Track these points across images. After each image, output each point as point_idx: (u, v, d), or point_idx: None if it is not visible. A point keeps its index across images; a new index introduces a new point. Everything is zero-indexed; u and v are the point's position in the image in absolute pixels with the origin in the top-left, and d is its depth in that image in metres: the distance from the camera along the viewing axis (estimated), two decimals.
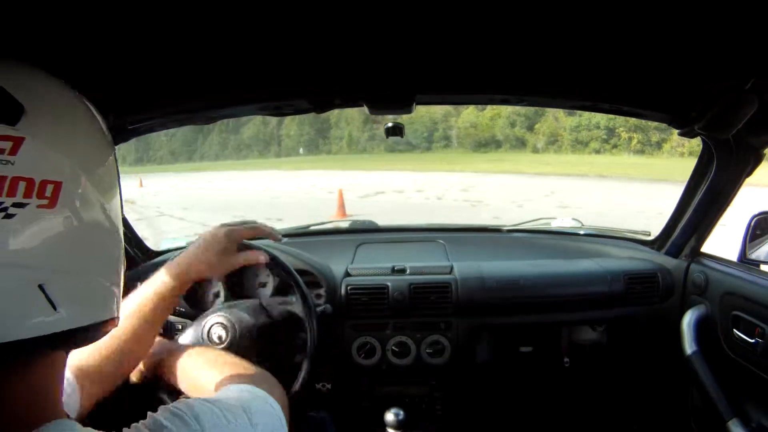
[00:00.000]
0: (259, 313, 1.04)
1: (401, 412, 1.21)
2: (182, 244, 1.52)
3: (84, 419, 0.70)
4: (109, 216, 0.43)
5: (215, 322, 1.01)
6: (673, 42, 0.75)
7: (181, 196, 12.76)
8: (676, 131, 1.06)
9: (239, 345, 1.00)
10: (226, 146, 37.80)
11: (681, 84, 0.93)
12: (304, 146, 33.29)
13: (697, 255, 1.31)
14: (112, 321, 0.44)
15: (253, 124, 34.15)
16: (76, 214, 0.38)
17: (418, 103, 1.08)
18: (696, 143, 1.16)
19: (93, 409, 0.73)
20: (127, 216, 1.13)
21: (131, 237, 1.39)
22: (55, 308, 0.37)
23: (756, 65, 0.79)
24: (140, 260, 1.42)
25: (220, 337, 1.00)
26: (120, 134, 1.17)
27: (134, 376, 0.86)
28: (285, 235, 1.67)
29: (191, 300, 1.20)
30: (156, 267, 0.88)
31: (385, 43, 0.79)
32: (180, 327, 1.05)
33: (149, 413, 0.45)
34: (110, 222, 0.43)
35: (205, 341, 1.00)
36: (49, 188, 0.36)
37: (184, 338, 1.02)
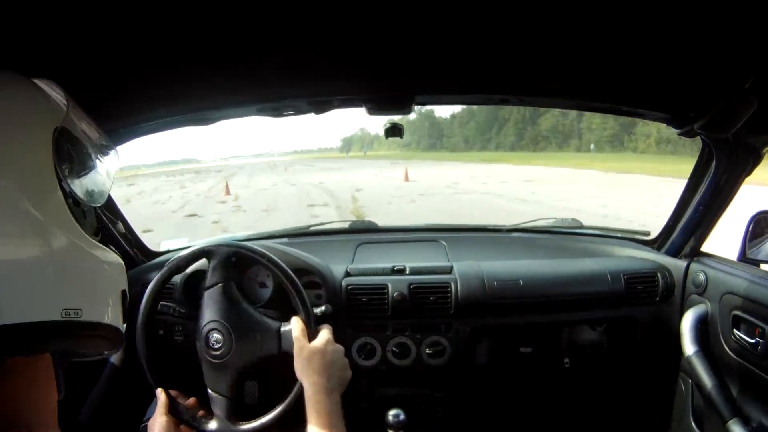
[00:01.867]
0: (258, 315, 1.04)
1: (401, 413, 1.20)
2: (182, 244, 1.53)
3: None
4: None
5: (213, 328, 1.00)
6: (672, 42, 0.75)
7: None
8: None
9: (237, 349, 0.99)
10: (522, 137, 35.64)
11: (680, 84, 0.93)
12: (607, 142, 29.34)
13: (697, 254, 1.31)
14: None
15: (552, 115, 31.84)
16: None
17: (416, 104, 1.09)
18: None
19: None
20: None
21: (131, 238, 1.39)
22: None
23: (755, 65, 0.79)
24: (140, 261, 1.42)
25: (217, 341, 1.00)
26: (119, 136, 1.17)
27: None
28: (284, 236, 1.67)
29: (190, 300, 1.20)
30: (156, 267, 0.88)
31: (384, 44, 0.79)
32: (179, 328, 1.05)
33: None
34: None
35: (202, 345, 1.00)
36: None
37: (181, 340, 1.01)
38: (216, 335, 0.99)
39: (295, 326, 0.94)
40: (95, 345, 0.47)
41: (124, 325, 0.50)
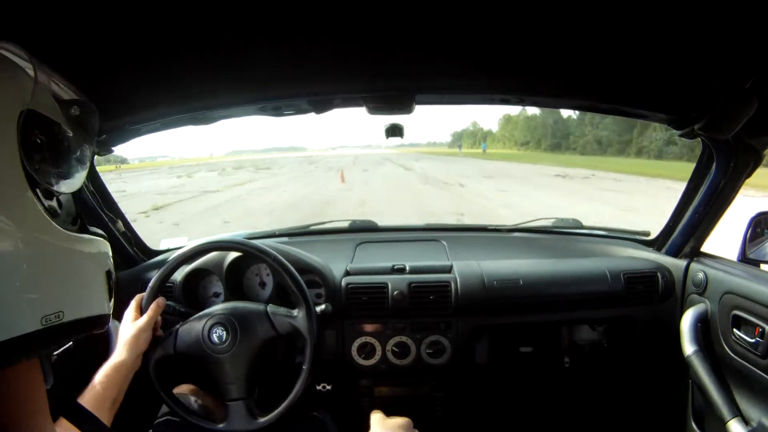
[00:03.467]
0: (260, 313, 1.05)
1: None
2: (181, 243, 1.53)
3: None
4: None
5: (216, 322, 1.01)
6: (673, 42, 0.75)
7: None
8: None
9: (240, 346, 1.00)
10: (675, 141, 28.44)
11: (681, 85, 0.93)
12: None
13: (697, 254, 1.31)
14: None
15: None
16: None
17: (417, 104, 1.09)
18: None
19: None
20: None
21: (131, 237, 1.39)
22: None
23: (755, 65, 0.79)
24: (140, 260, 1.43)
25: (220, 338, 1.00)
26: (120, 135, 1.17)
27: None
28: (285, 235, 1.67)
29: (190, 299, 1.21)
30: (156, 266, 0.89)
31: (385, 44, 0.79)
32: (178, 328, 1.05)
33: None
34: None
35: (205, 341, 1.01)
36: None
37: (182, 338, 1.02)
38: (219, 330, 1.00)
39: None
40: (81, 334, 0.46)
41: (111, 304, 0.49)
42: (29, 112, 0.40)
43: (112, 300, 0.49)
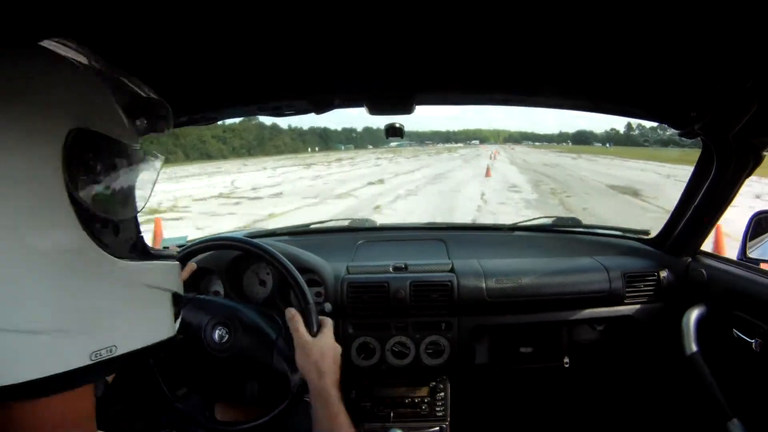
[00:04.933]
0: (260, 313, 1.05)
1: None
2: (181, 242, 1.53)
3: None
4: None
5: (217, 321, 1.01)
6: (673, 42, 0.75)
7: None
8: None
9: (241, 345, 1.00)
10: None
11: (681, 84, 0.93)
12: None
13: (697, 254, 1.31)
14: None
15: None
16: None
17: (417, 104, 1.08)
18: None
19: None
20: None
21: None
22: None
23: (755, 65, 0.79)
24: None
25: (221, 337, 1.00)
26: None
27: None
28: (286, 234, 1.67)
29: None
30: None
31: (385, 44, 0.79)
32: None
33: None
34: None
35: (206, 339, 1.01)
36: None
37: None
38: (219, 331, 1.00)
39: (293, 318, 0.94)
40: (134, 363, 0.42)
41: (177, 324, 0.47)
42: (79, 132, 0.35)
43: (178, 321, 0.47)
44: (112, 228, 0.39)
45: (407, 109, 1.09)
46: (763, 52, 0.74)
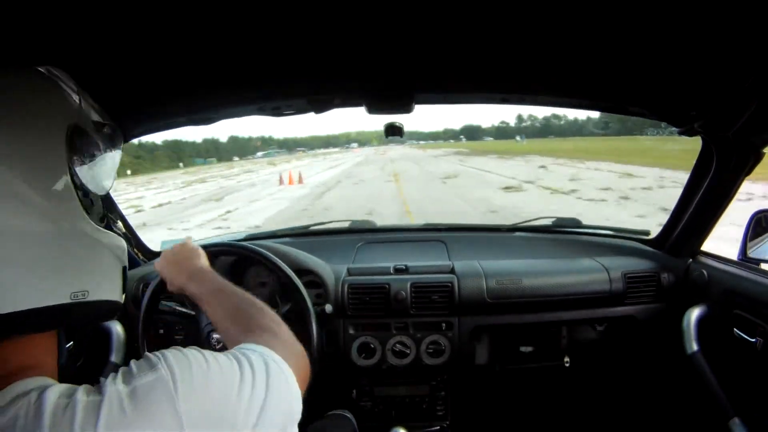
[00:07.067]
0: None
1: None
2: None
3: None
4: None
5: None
6: (673, 41, 0.75)
7: None
8: None
9: None
10: None
11: (681, 83, 0.93)
12: None
13: (697, 253, 1.31)
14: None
15: None
16: None
17: (417, 103, 1.08)
18: None
19: None
20: None
21: (131, 237, 1.39)
22: None
23: (755, 64, 0.79)
24: (140, 261, 1.43)
25: (218, 341, 1.00)
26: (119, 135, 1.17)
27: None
28: (286, 235, 1.67)
29: (190, 300, 1.20)
30: None
31: (384, 44, 0.79)
32: (179, 327, 1.05)
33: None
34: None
35: (204, 343, 1.00)
36: None
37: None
38: (216, 335, 1.00)
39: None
40: (96, 317, 0.52)
41: (123, 296, 0.55)
42: (76, 126, 0.49)
43: (124, 294, 0.55)
44: (89, 200, 0.50)
45: (406, 109, 1.09)
46: (763, 51, 0.74)
